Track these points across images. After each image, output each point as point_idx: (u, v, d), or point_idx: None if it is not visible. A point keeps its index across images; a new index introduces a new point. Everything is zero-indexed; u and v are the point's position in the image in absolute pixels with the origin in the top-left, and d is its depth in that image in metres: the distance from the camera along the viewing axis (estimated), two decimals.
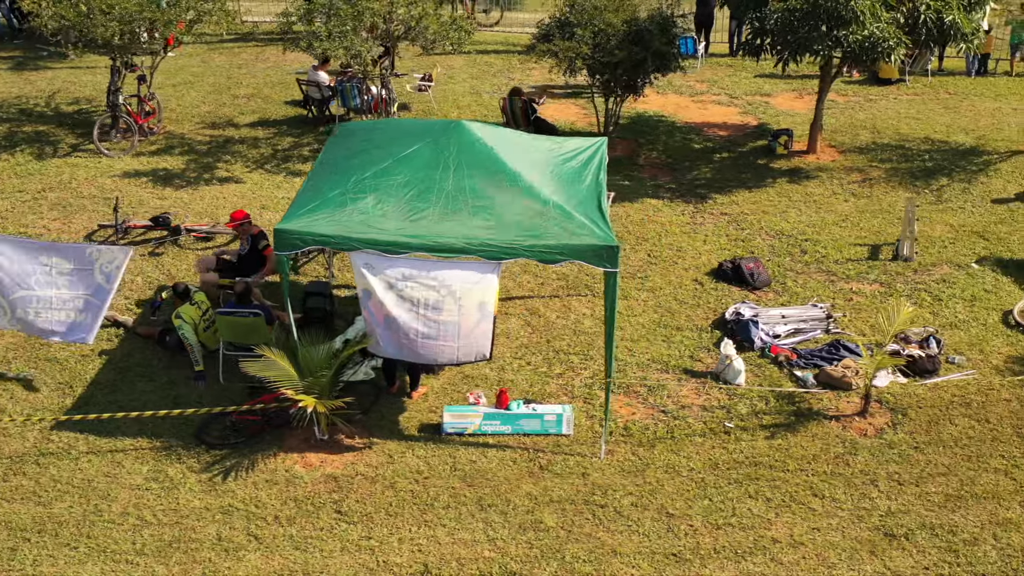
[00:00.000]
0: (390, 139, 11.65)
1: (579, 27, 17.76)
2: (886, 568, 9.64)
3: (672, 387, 12.29)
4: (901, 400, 12.01)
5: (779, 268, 14.98)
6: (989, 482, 10.73)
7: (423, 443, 11.20)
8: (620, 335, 13.30)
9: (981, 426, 11.57)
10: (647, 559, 9.72)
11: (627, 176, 18.14)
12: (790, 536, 10.02)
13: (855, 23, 15.89)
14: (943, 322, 13.62)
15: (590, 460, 11.02)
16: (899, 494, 10.57)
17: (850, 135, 20.00)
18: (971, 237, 15.94)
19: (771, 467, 10.97)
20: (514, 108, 19.28)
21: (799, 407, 11.91)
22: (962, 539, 9.99)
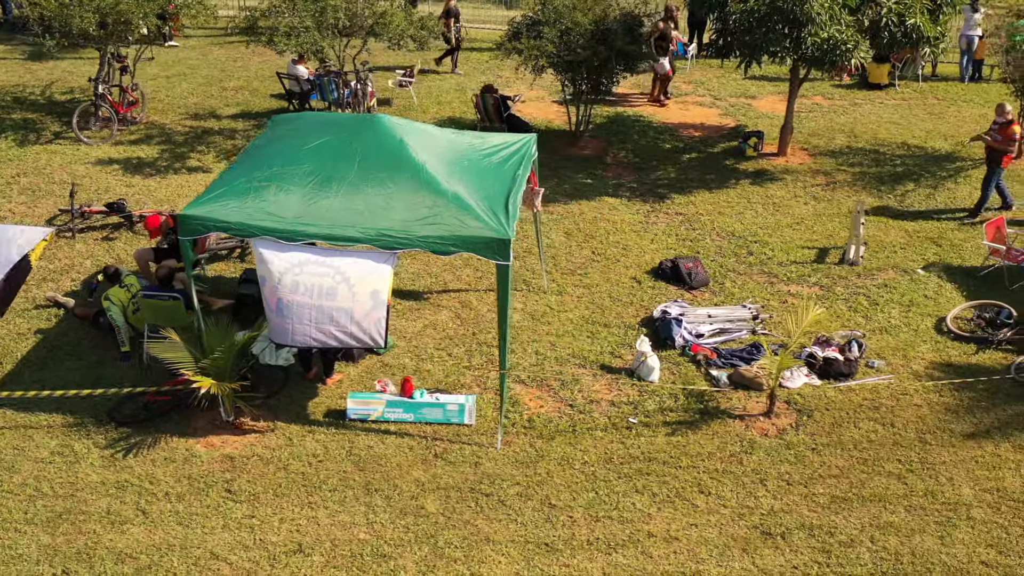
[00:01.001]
0: (308, 131, 11.91)
1: (546, 26, 17.87)
2: (754, 566, 9.68)
3: (586, 382, 12.40)
4: (811, 402, 12.00)
5: (721, 268, 15.00)
6: (879, 485, 10.70)
7: (325, 428, 11.44)
8: (547, 329, 13.46)
9: (885, 430, 11.54)
10: (518, 547, 9.86)
11: (591, 175, 18.25)
12: (667, 531, 10.10)
13: (813, 25, 15.81)
14: (875, 326, 13.56)
15: (486, 450, 11.18)
16: (785, 494, 10.60)
17: (826, 138, 19.90)
18: (924, 243, 15.83)
19: (664, 463, 11.05)
20: (486, 105, 19.48)
21: (707, 406, 11.96)
22: (838, 540, 9.99)
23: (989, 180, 16.39)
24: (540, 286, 14.45)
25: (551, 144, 19.55)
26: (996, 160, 16.18)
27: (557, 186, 17.74)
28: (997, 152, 16.18)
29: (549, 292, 14.35)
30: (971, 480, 10.75)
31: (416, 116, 20.78)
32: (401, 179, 11.08)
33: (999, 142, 16.15)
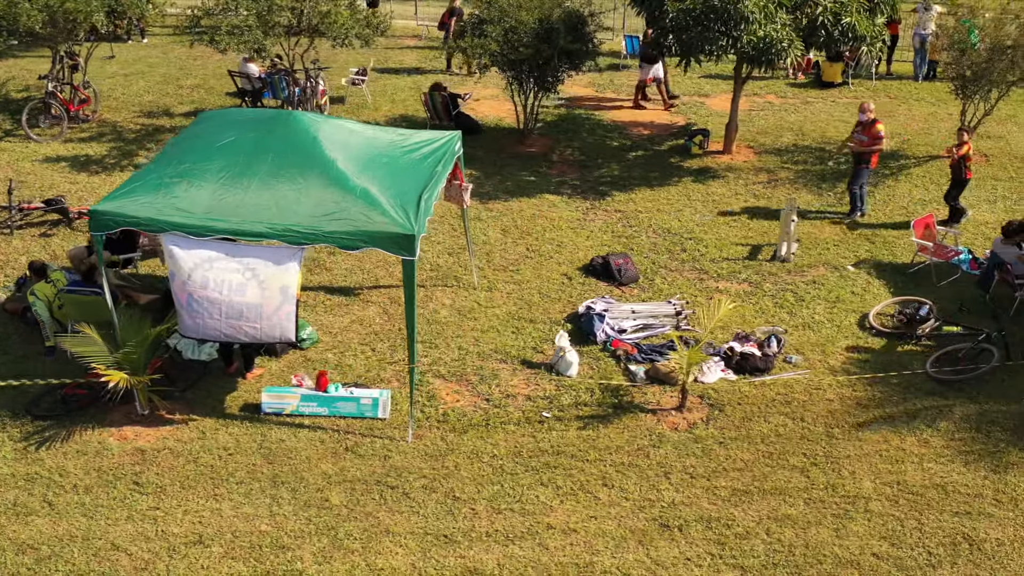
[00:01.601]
0: (225, 128, 12.04)
1: (491, 24, 17.98)
2: (648, 557, 9.80)
3: (505, 377, 12.52)
4: (724, 396, 12.13)
5: (653, 265, 15.13)
6: (781, 478, 10.82)
7: (239, 422, 11.56)
8: (472, 325, 13.58)
9: (794, 424, 11.66)
10: (417, 539, 9.98)
11: (535, 172, 18.38)
12: (566, 523, 10.21)
13: (747, 24, 15.93)
14: (798, 322, 13.69)
15: (397, 444, 11.30)
16: (688, 487, 10.72)
17: (773, 136, 20.02)
18: (858, 240, 15.95)
19: (572, 456, 11.16)
20: (435, 103, 19.61)
21: (622, 400, 12.08)
22: (734, 532, 10.11)
23: (857, 178, 16.39)
24: (471, 282, 14.55)
25: (499, 142, 19.70)
26: (865, 161, 16.23)
27: (500, 183, 17.87)
28: (866, 152, 16.18)
29: (480, 288, 14.47)
30: (873, 473, 10.87)
31: (369, 114, 20.93)
32: (311, 175, 11.19)
33: (865, 143, 16.15)
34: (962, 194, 16.20)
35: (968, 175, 16.02)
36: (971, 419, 11.69)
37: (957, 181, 16.01)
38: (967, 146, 15.85)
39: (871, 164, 16.26)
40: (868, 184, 16.77)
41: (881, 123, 16.35)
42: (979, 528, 10.12)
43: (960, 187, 16.06)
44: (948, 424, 11.62)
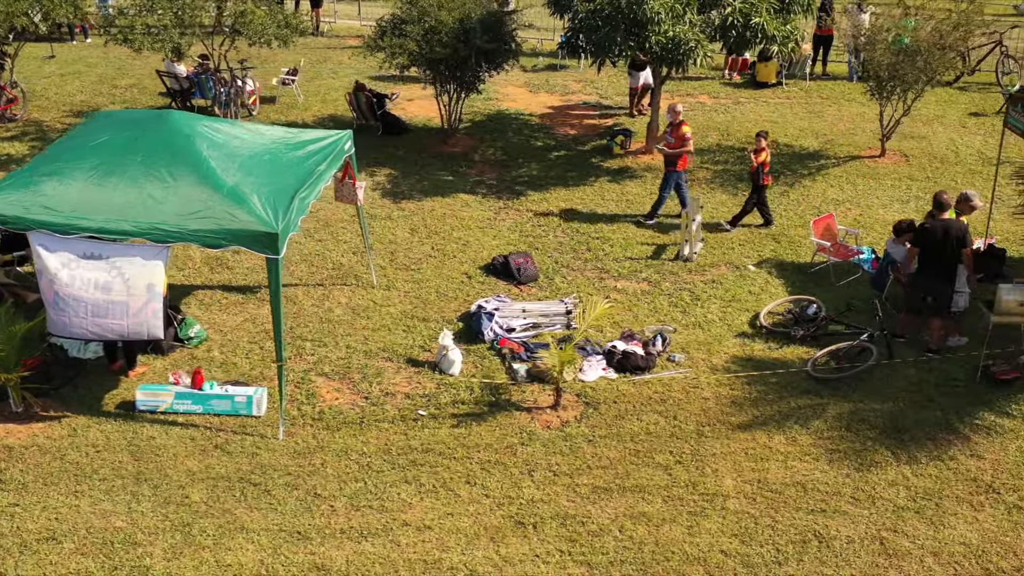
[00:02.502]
0: (104, 128, 12.09)
1: (410, 24, 18.05)
2: (497, 554, 9.85)
3: (388, 375, 12.58)
4: (602, 395, 12.18)
5: (556, 264, 15.19)
6: (644, 476, 10.88)
7: (113, 419, 11.61)
8: (364, 324, 13.64)
9: (666, 422, 11.71)
10: (270, 536, 10.03)
11: (454, 172, 18.44)
12: (422, 520, 10.26)
13: (654, 25, 15.99)
14: (690, 321, 13.74)
15: (268, 441, 11.35)
16: (549, 484, 10.77)
17: (699, 137, 20.06)
18: (764, 240, 16.01)
19: (440, 454, 11.22)
20: (359, 103, 19.68)
21: (500, 399, 12.14)
22: (588, 529, 10.16)
23: (667, 182, 16.26)
24: (370, 281, 14.61)
25: (423, 142, 19.78)
26: (673, 163, 16.13)
27: (416, 183, 17.93)
28: (674, 155, 16.08)
29: (378, 287, 14.51)
30: (735, 471, 10.92)
31: (299, 114, 21.03)
32: (181, 174, 11.25)
33: (673, 145, 16.07)
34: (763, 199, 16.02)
35: (766, 181, 15.88)
36: (843, 418, 11.74)
37: (755, 187, 15.88)
38: (764, 152, 15.66)
39: (679, 167, 16.14)
40: (783, 185, 16.77)
41: (688, 125, 16.20)
42: (831, 526, 10.17)
43: (758, 193, 15.91)
44: (820, 423, 11.67)
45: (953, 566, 9.73)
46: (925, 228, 12.53)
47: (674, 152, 16.02)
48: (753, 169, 15.73)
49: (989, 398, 12.10)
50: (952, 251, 12.31)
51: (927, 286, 12.60)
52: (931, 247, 12.40)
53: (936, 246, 12.36)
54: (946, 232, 12.37)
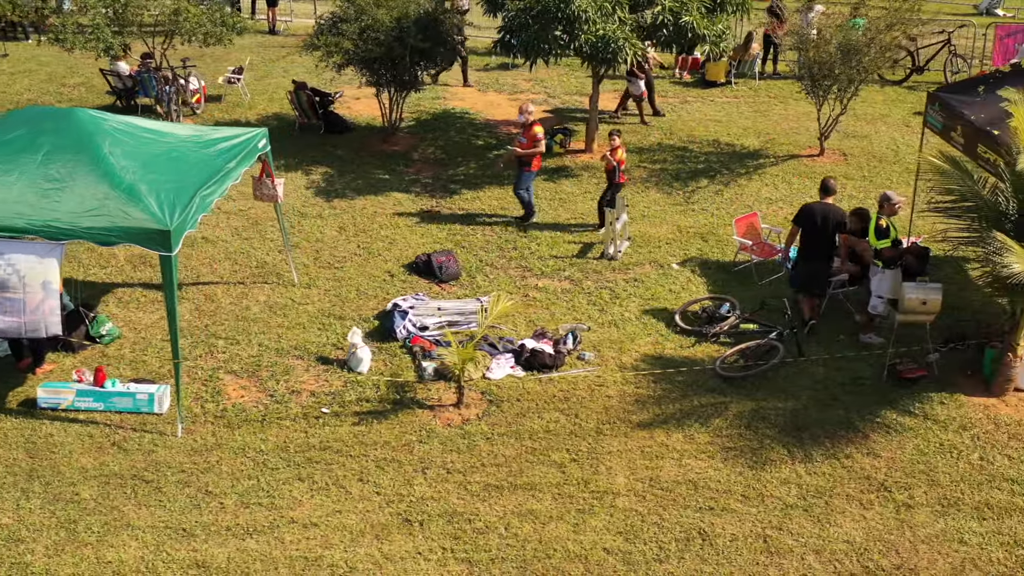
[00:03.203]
0: (16, 124, 12.09)
1: (347, 23, 18.06)
2: (379, 551, 9.87)
3: (297, 373, 12.59)
4: (507, 393, 12.19)
5: (480, 263, 15.20)
6: (537, 474, 10.89)
7: (13, 416, 11.63)
8: (280, 322, 13.66)
9: (567, 420, 11.72)
10: (155, 533, 10.04)
11: (391, 171, 18.46)
12: (309, 518, 10.27)
13: (582, 24, 15.99)
14: (607, 319, 13.76)
15: (166, 439, 11.37)
16: (442, 482, 10.78)
17: (641, 135, 20.10)
18: (691, 239, 16.02)
19: (337, 452, 11.23)
20: (300, 101, 19.69)
21: (405, 396, 12.15)
22: (474, 527, 10.17)
23: (522, 183, 16.08)
24: (291, 279, 14.62)
25: (364, 141, 19.81)
26: (526, 163, 15.94)
27: (351, 182, 17.95)
28: (527, 155, 15.87)
29: (299, 285, 14.53)
30: (629, 469, 10.94)
31: (243, 112, 21.04)
32: (80, 172, 11.26)
33: (525, 145, 15.85)
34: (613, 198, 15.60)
35: (622, 179, 15.67)
36: (744, 416, 11.75)
37: (611, 185, 15.75)
38: (620, 149, 15.50)
39: (532, 167, 15.98)
40: (719, 184, 16.77)
41: (539, 126, 15.97)
42: (717, 523, 10.19)
43: (614, 191, 15.64)
44: (721, 421, 11.68)
45: (834, 564, 9.74)
46: (805, 206, 12.79)
47: (526, 153, 15.83)
48: (609, 168, 15.55)
49: (893, 397, 12.12)
50: (831, 235, 12.74)
51: (805, 268, 13.01)
52: (810, 228, 12.84)
53: (815, 228, 12.81)
54: (825, 216, 12.73)
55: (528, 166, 16.00)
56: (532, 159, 15.94)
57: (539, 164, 16.19)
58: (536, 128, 15.89)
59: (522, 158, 15.98)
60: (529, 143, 15.88)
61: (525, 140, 15.94)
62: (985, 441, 11.39)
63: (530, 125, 15.90)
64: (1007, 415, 11.79)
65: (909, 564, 9.73)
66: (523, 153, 15.92)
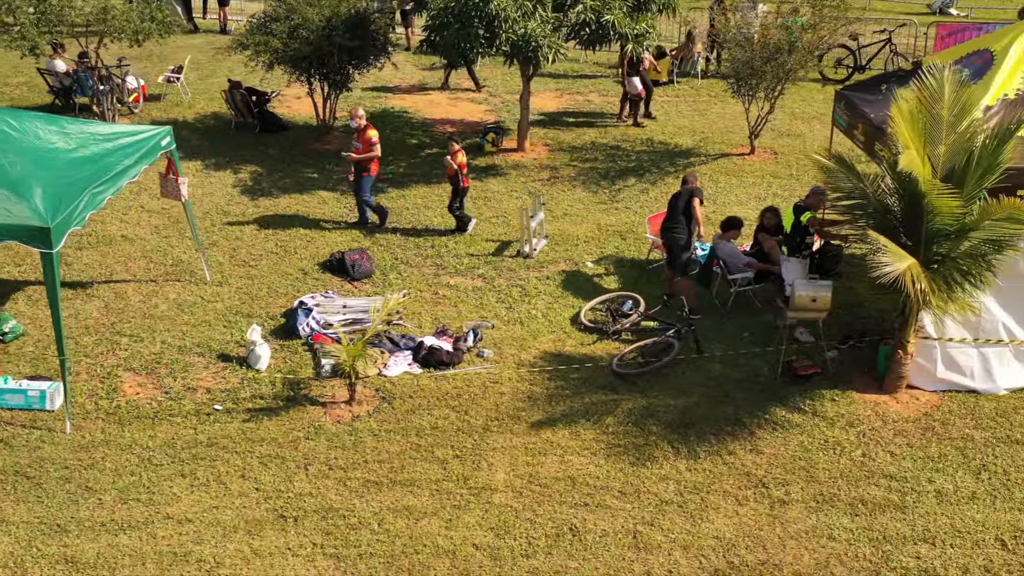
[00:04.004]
0: None
1: (277, 22, 18.10)
2: (249, 546, 9.92)
3: (196, 371, 12.63)
4: (401, 390, 12.25)
5: (396, 260, 15.24)
6: (419, 470, 10.94)
7: None
8: (187, 319, 13.71)
9: (457, 416, 11.77)
10: (28, 528, 10.09)
11: (321, 170, 18.51)
12: (185, 514, 10.32)
13: (501, 22, 16.03)
14: (513, 317, 13.80)
15: (55, 435, 11.41)
16: (323, 478, 10.82)
17: (576, 134, 20.16)
18: (611, 237, 16.06)
19: (224, 448, 11.27)
20: (235, 100, 19.72)
21: (299, 393, 12.19)
22: (347, 523, 10.22)
23: (362, 188, 15.83)
24: (203, 277, 14.66)
25: (298, 139, 19.86)
26: (364, 168, 15.72)
27: (279, 180, 18.00)
28: (364, 160, 15.68)
29: (211, 283, 14.56)
30: (511, 466, 10.98)
31: (182, 111, 21.11)
32: None
33: (360, 151, 15.66)
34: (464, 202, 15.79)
35: (465, 183, 15.58)
36: (634, 413, 11.80)
37: (455, 191, 15.66)
38: (459, 154, 15.38)
39: (371, 172, 15.79)
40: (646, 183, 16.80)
41: (373, 129, 15.76)
42: (590, 519, 10.24)
43: (459, 196, 15.66)
44: (610, 418, 11.73)
45: (700, 559, 9.79)
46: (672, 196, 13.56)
47: (362, 157, 15.62)
48: (452, 173, 15.47)
49: (785, 394, 12.17)
50: (685, 208, 13.32)
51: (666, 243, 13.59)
52: (669, 208, 13.62)
53: (672, 207, 13.53)
54: (679, 194, 13.48)
55: (367, 171, 15.72)
56: (370, 164, 15.69)
57: (377, 168, 15.96)
58: (370, 132, 15.62)
59: (360, 163, 15.67)
60: (364, 148, 15.64)
61: (360, 145, 15.66)
62: (870, 438, 11.42)
63: (363, 130, 15.66)
64: (896, 412, 11.83)
65: (774, 560, 9.76)
66: (358, 158, 15.61)
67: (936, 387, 12.20)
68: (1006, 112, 11.51)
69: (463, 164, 15.45)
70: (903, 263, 10.50)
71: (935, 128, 11.26)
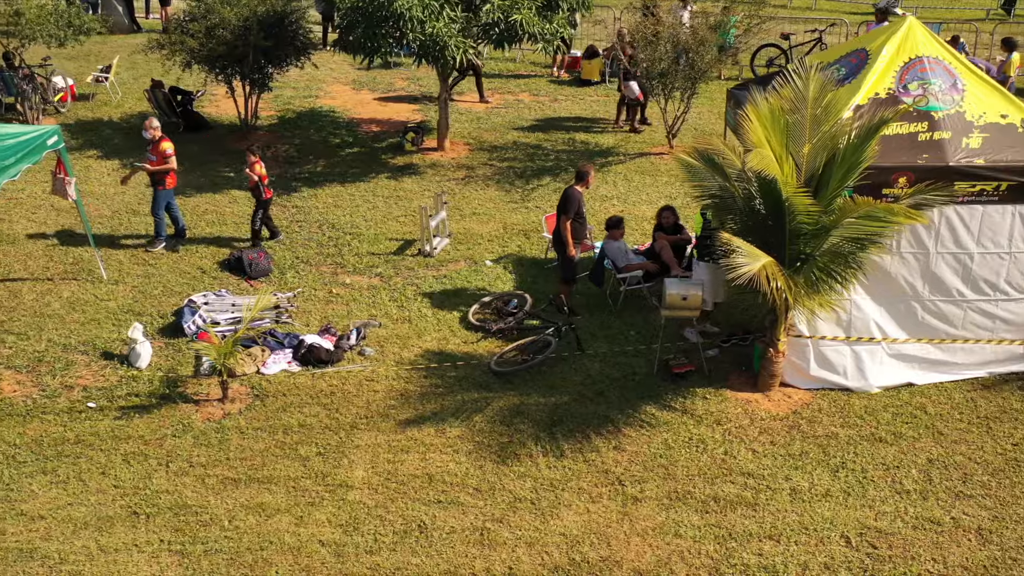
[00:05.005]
0: None
1: (194, 21, 18.16)
2: (96, 543, 9.97)
3: (77, 368, 12.68)
4: (276, 387, 12.30)
5: (296, 259, 15.29)
6: (279, 467, 11.00)
7: None
8: (76, 317, 13.76)
9: (327, 414, 11.82)
10: None
11: (237, 169, 18.52)
12: (39, 511, 10.37)
13: (406, 21, 16.08)
14: (403, 315, 13.87)
15: None
16: (182, 476, 10.88)
17: (499, 134, 20.21)
18: (515, 236, 16.11)
19: (90, 445, 11.32)
20: (157, 99, 19.77)
21: (175, 391, 12.24)
22: (199, 520, 10.27)
23: (157, 203, 15.27)
24: (99, 275, 14.71)
25: (221, 139, 19.91)
26: (160, 182, 15.12)
27: (194, 179, 18.05)
28: (159, 173, 15.08)
29: (107, 281, 14.61)
30: (371, 464, 11.03)
31: (109, 111, 21.16)
32: None
33: (154, 163, 15.05)
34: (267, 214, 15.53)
35: (267, 194, 15.28)
36: (505, 411, 11.85)
37: (259, 202, 15.34)
38: (258, 164, 15.03)
39: (166, 185, 15.16)
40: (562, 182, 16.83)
41: (168, 141, 15.08)
42: (440, 516, 10.29)
43: (261, 208, 15.37)
44: (480, 416, 11.78)
45: (542, 556, 9.84)
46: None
47: (157, 169, 15.01)
48: (253, 184, 15.14)
49: (660, 392, 12.22)
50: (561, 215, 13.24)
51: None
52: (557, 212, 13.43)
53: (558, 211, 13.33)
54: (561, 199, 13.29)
55: (161, 184, 15.10)
56: (165, 177, 15.08)
57: (174, 181, 15.33)
58: (164, 144, 14.95)
59: (155, 176, 15.10)
60: (159, 160, 15.00)
61: (155, 157, 15.02)
62: (735, 436, 11.48)
63: (158, 141, 15.01)
64: (766, 410, 11.89)
65: (616, 556, 9.82)
66: (153, 170, 15.04)
67: (810, 385, 12.24)
68: (875, 111, 11.56)
69: (263, 175, 15.12)
70: (758, 262, 10.54)
71: (799, 128, 11.29)
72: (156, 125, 15.19)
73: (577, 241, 13.37)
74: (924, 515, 10.30)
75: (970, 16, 27.86)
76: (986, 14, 29.12)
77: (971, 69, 12.25)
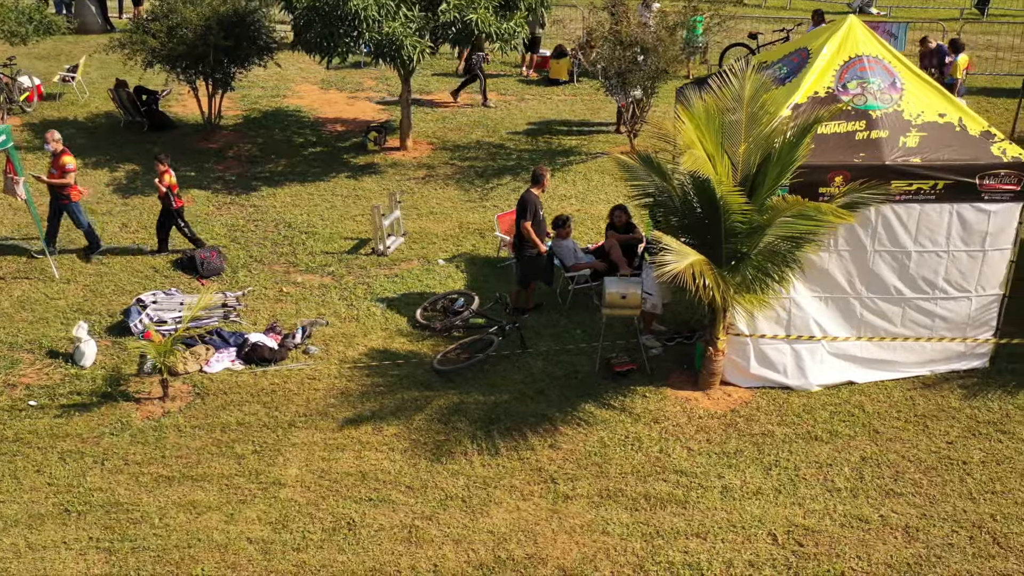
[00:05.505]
0: None
1: (157, 21, 18.20)
2: (25, 540, 10.00)
3: (22, 367, 12.72)
4: (218, 386, 12.33)
5: (249, 258, 15.33)
6: (214, 465, 11.03)
7: None
8: (25, 316, 13.82)
9: (266, 413, 11.85)
10: None
11: (200, 168, 18.59)
12: None
13: (361, 22, 16.12)
14: (352, 314, 13.91)
15: None
16: (117, 473, 10.92)
17: (463, 133, 20.25)
18: (470, 235, 16.15)
19: (28, 444, 11.37)
20: (121, 99, 19.81)
21: (117, 390, 12.27)
22: (130, 517, 10.31)
23: (74, 217, 15.00)
24: (51, 274, 14.75)
25: (185, 138, 19.95)
26: (63, 196, 14.75)
27: (154, 179, 18.02)
28: (60, 187, 14.70)
29: (59, 280, 14.65)
30: (306, 462, 11.06)
31: (76, 111, 21.20)
32: None
33: (54, 176, 14.67)
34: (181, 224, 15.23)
35: (178, 203, 15.05)
36: (444, 410, 11.88)
37: (167, 211, 15.09)
38: (167, 174, 14.80)
39: (71, 199, 14.75)
40: (521, 182, 16.87)
41: (69, 155, 14.68)
42: (370, 514, 10.32)
43: (171, 218, 15.10)
44: (418, 415, 11.81)
45: (468, 553, 9.87)
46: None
47: (56, 183, 14.62)
48: (162, 194, 14.93)
49: (600, 390, 12.25)
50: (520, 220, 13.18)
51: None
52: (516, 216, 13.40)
53: (517, 216, 13.32)
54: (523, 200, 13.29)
55: (66, 198, 14.71)
56: (67, 190, 14.69)
57: (78, 194, 14.94)
58: (65, 158, 14.55)
59: (59, 191, 14.71)
60: (59, 173, 14.60)
61: (55, 171, 14.65)
62: (672, 434, 11.51)
63: (59, 155, 14.60)
64: (704, 408, 11.92)
65: (541, 554, 9.85)
66: (54, 183, 14.63)
67: (750, 383, 12.27)
68: (813, 110, 11.59)
69: (173, 184, 14.92)
70: (685, 260, 10.56)
71: (735, 127, 11.33)
72: (58, 138, 14.64)
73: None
74: (853, 513, 10.32)
75: (944, 16, 27.89)
76: (960, 14, 29.14)
77: (911, 68, 12.27)
